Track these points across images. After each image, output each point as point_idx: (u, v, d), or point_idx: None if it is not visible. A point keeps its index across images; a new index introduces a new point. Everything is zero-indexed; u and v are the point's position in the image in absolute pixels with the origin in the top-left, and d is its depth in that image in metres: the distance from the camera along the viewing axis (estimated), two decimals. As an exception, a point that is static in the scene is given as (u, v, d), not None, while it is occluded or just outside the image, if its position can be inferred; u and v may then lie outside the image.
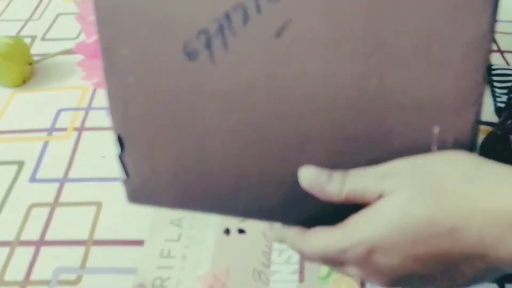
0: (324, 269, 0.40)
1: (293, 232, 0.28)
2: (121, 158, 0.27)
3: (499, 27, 0.64)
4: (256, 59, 0.22)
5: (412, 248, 0.23)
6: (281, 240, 0.30)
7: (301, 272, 0.40)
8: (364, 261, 0.25)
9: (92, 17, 0.52)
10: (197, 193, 0.26)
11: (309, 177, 0.26)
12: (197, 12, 0.22)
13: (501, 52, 0.60)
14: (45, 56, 0.63)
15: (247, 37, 0.22)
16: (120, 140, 0.26)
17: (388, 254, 0.24)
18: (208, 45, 0.23)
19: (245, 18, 0.22)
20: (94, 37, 0.55)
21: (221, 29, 0.22)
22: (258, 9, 0.22)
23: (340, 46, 0.22)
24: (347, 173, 0.26)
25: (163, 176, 0.26)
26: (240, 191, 0.26)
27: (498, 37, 0.62)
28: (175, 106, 0.24)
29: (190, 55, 0.23)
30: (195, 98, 0.24)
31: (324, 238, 0.26)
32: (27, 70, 0.61)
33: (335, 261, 0.26)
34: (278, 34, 0.22)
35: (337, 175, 0.26)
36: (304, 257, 0.29)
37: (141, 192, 0.28)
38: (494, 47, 0.61)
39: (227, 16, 0.22)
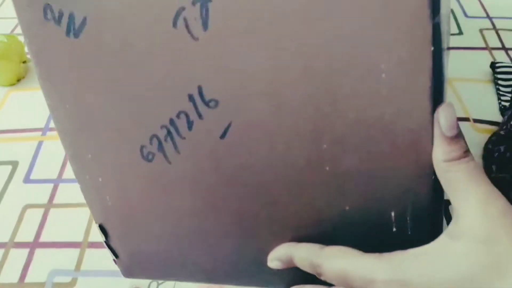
0: None
1: (308, 245, 0.27)
2: (107, 243, 0.30)
3: (503, 24, 0.63)
4: (205, 158, 0.25)
5: None
6: (286, 258, 0.27)
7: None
8: None
9: None
10: (178, 266, 0.29)
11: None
12: (147, 120, 0.24)
13: (506, 50, 0.60)
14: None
15: (194, 140, 0.24)
16: (103, 228, 0.29)
17: None
18: (160, 148, 0.25)
19: (189, 124, 0.24)
20: None
21: (169, 134, 0.24)
22: (200, 115, 0.24)
23: (288, 138, 0.23)
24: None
25: (146, 255, 0.30)
26: (216, 261, 0.28)
27: (502, 34, 0.62)
28: (144, 198, 0.27)
29: (147, 157, 0.26)
30: (159, 191, 0.26)
31: (354, 258, 0.25)
32: (21, 69, 0.60)
33: (353, 286, 0.25)
34: (222, 136, 0.24)
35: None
36: (316, 271, 0.26)
37: (132, 268, 0.31)
38: (499, 44, 0.60)
39: (173, 123, 0.24)
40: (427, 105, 0.22)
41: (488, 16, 0.65)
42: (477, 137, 0.48)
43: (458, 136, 0.24)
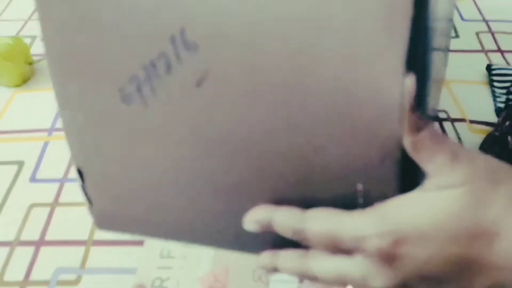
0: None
1: (288, 210, 0.25)
2: (83, 188, 0.29)
3: (499, 27, 0.64)
4: (180, 105, 0.25)
5: (448, 247, 0.22)
6: (265, 221, 0.26)
7: (300, 272, 0.40)
8: (385, 253, 0.23)
9: None
10: (152, 222, 0.29)
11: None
12: (128, 59, 0.24)
13: (501, 52, 0.61)
14: (38, 60, 0.63)
15: (171, 84, 0.24)
16: (80, 172, 0.29)
17: (419, 248, 0.23)
18: (139, 91, 0.25)
19: (168, 67, 0.24)
20: None
21: (148, 76, 0.24)
22: (179, 58, 0.23)
23: (261, 98, 0.23)
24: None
25: (121, 205, 0.29)
26: (191, 220, 0.28)
27: (498, 37, 0.63)
28: (121, 142, 0.27)
29: (125, 100, 0.25)
30: (135, 136, 0.26)
31: (339, 218, 0.24)
32: (27, 70, 0.61)
33: (341, 247, 0.24)
34: (198, 84, 0.24)
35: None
36: (299, 236, 0.25)
37: (105, 219, 0.30)
38: (495, 47, 0.61)
39: (153, 64, 0.24)
40: (398, 81, 0.21)
41: (484, 19, 0.66)
42: (473, 138, 0.49)
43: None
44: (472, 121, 0.51)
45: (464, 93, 0.55)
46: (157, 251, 0.42)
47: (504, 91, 0.54)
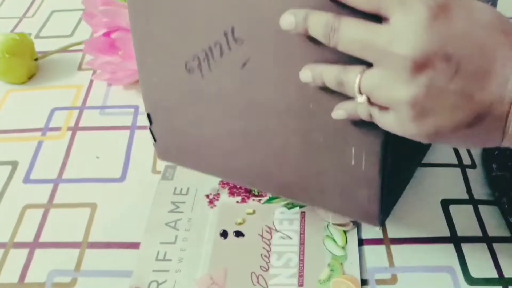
0: (324, 273, 0.39)
1: (323, 13, 0.27)
2: (150, 129, 0.39)
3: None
4: (229, 79, 0.34)
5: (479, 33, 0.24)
6: (300, 19, 0.27)
7: (301, 275, 0.40)
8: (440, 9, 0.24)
9: (100, 8, 0.53)
10: (203, 161, 0.39)
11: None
12: (192, 43, 0.34)
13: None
14: (44, 53, 0.63)
15: (223, 64, 0.34)
16: (149, 117, 0.39)
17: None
18: (199, 65, 0.35)
19: (221, 53, 0.33)
20: (102, 30, 0.55)
21: (206, 57, 0.34)
22: (229, 48, 0.33)
23: (286, 80, 0.32)
24: None
25: (178, 143, 0.39)
26: (231, 161, 0.38)
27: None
28: (181, 98, 0.37)
29: (189, 70, 0.35)
30: (194, 96, 0.36)
31: (374, 27, 0.25)
32: (33, 66, 0.60)
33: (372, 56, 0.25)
34: (242, 66, 0.33)
35: None
36: (331, 39, 0.26)
37: (165, 153, 0.40)
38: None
39: (210, 49, 0.34)
40: None
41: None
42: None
43: None
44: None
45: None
46: (153, 253, 0.42)
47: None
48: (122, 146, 0.51)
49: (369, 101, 0.27)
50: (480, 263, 0.40)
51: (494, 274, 0.39)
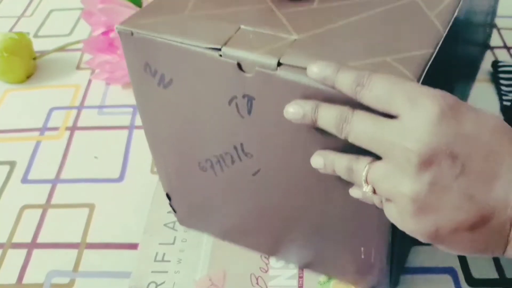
0: (324, 276, 0.39)
1: (335, 106, 0.27)
2: (170, 204, 0.42)
3: (505, 22, 0.63)
4: (242, 182, 0.35)
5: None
6: (308, 111, 0.27)
7: (300, 277, 0.39)
8: (451, 114, 0.24)
9: (99, 6, 0.52)
10: (214, 226, 0.41)
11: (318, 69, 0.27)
12: (205, 150, 0.35)
13: (508, 48, 0.60)
14: (42, 53, 0.62)
15: (235, 170, 0.35)
16: (168, 195, 0.41)
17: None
18: (211, 167, 0.36)
19: (232, 161, 0.34)
20: (101, 29, 0.55)
21: (219, 161, 0.35)
22: (240, 159, 0.34)
23: (297, 189, 0.33)
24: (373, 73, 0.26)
25: (194, 215, 0.42)
26: (239, 228, 0.40)
27: (504, 33, 0.62)
28: (196, 187, 0.38)
29: (202, 169, 0.36)
30: (209, 187, 0.38)
31: (384, 122, 0.25)
32: (31, 66, 0.60)
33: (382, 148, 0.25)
34: (254, 175, 0.34)
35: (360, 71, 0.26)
36: (342, 132, 0.26)
37: (184, 221, 0.43)
38: (501, 43, 0.60)
39: (221, 157, 0.34)
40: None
41: (488, 15, 0.65)
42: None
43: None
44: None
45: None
46: (152, 254, 0.41)
47: (510, 88, 0.53)
48: (120, 146, 0.51)
49: (374, 191, 0.27)
50: (481, 264, 0.39)
51: (495, 275, 0.39)
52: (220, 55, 0.29)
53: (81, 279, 0.40)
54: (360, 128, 0.26)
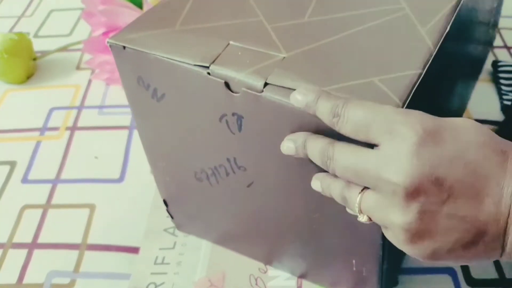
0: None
1: (320, 137, 0.27)
2: (167, 210, 0.42)
3: (505, 22, 0.63)
4: (236, 193, 0.35)
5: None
6: (300, 141, 0.27)
7: (300, 277, 0.39)
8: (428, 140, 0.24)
9: (100, 7, 0.52)
10: (210, 232, 0.42)
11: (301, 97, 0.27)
12: (199, 162, 0.35)
13: (508, 48, 0.59)
14: (42, 53, 0.62)
15: (229, 181, 0.35)
16: (165, 202, 0.42)
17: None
18: (207, 178, 0.36)
19: (227, 173, 0.34)
20: (101, 30, 0.55)
21: (214, 173, 0.35)
22: (234, 171, 0.34)
23: (290, 201, 0.33)
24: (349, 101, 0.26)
25: (190, 221, 0.42)
26: (231, 235, 0.40)
27: (504, 33, 0.62)
28: (191, 195, 0.39)
29: (198, 179, 0.36)
30: (205, 197, 0.38)
31: (365, 154, 0.25)
32: (31, 66, 0.60)
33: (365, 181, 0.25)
34: (249, 186, 0.34)
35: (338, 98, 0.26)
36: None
37: (183, 226, 0.43)
38: (501, 43, 0.60)
39: (216, 169, 0.34)
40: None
41: (489, 14, 0.64)
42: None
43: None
44: (477, 120, 0.50)
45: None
46: (152, 257, 0.41)
47: (511, 88, 0.52)
48: (120, 146, 0.51)
49: (370, 219, 0.27)
50: (481, 264, 0.39)
51: (495, 275, 0.39)
52: (208, 73, 0.29)
53: (81, 280, 0.40)
54: (342, 164, 0.26)
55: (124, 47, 0.31)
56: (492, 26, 0.55)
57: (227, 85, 0.29)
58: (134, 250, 0.42)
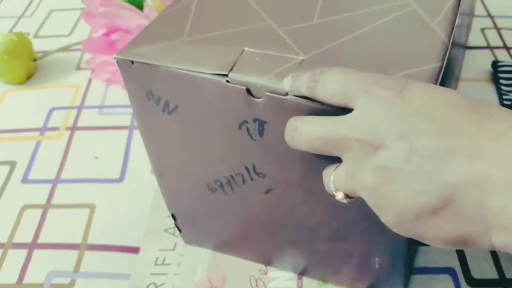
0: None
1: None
2: (175, 224, 0.41)
3: (505, 22, 0.63)
4: (253, 200, 0.35)
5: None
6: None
7: (300, 278, 0.39)
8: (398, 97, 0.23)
9: (100, 9, 0.52)
10: (224, 244, 0.41)
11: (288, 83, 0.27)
12: (214, 172, 0.34)
13: (508, 49, 0.59)
14: (42, 53, 0.62)
15: (246, 189, 0.34)
16: (173, 216, 0.41)
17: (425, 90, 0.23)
18: (222, 187, 0.35)
19: (244, 181, 0.34)
20: (102, 31, 0.55)
21: (229, 182, 0.34)
22: (252, 179, 0.33)
23: (310, 204, 0.33)
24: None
25: (198, 233, 0.41)
26: (240, 245, 0.40)
27: (504, 33, 0.62)
28: (203, 205, 0.38)
29: (211, 190, 0.36)
30: (217, 207, 0.37)
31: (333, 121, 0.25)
32: (31, 67, 0.60)
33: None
34: (267, 193, 0.33)
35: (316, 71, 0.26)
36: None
37: (190, 240, 0.42)
38: (500, 43, 0.60)
39: (232, 177, 0.34)
40: None
41: (489, 15, 0.64)
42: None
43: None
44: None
45: (469, 91, 0.54)
46: (152, 258, 0.41)
47: (510, 88, 0.52)
48: (121, 146, 0.51)
49: (347, 196, 0.26)
50: (481, 264, 0.39)
51: (495, 275, 0.39)
52: (228, 81, 0.29)
53: (81, 280, 0.40)
54: (306, 135, 0.25)
55: (132, 62, 0.30)
56: (470, 25, 0.56)
57: (248, 91, 0.28)
58: (134, 250, 0.42)
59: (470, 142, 0.22)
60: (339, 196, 0.26)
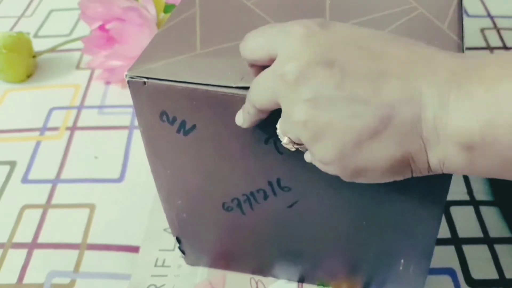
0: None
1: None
2: (179, 247, 0.40)
3: (505, 23, 0.63)
4: (275, 216, 0.33)
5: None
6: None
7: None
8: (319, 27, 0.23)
9: (100, 10, 0.53)
10: (230, 263, 0.40)
11: None
12: (233, 190, 0.33)
13: (508, 49, 0.59)
14: (41, 53, 0.62)
15: (267, 206, 0.33)
16: (178, 239, 0.39)
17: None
18: (239, 206, 0.33)
19: (265, 197, 0.32)
20: (98, 23, 0.55)
21: (248, 199, 0.33)
22: (275, 194, 0.32)
23: (336, 215, 0.32)
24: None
25: (202, 256, 0.40)
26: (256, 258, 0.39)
27: (503, 33, 0.62)
28: (218, 228, 0.36)
29: (227, 209, 0.34)
30: (231, 227, 0.35)
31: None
32: (31, 64, 0.60)
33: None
34: (290, 206, 0.32)
35: None
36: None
37: (194, 261, 0.41)
38: (500, 44, 0.60)
39: (252, 194, 0.32)
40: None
41: (489, 15, 0.64)
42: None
43: None
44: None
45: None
46: (152, 260, 0.41)
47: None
48: (120, 146, 0.51)
49: (293, 142, 0.25)
50: (481, 265, 0.39)
51: (495, 276, 0.39)
52: None
53: (81, 280, 0.40)
54: (254, 94, 0.25)
55: (145, 83, 0.28)
56: None
57: None
58: (134, 249, 0.42)
59: (400, 63, 0.22)
60: (284, 140, 0.25)
